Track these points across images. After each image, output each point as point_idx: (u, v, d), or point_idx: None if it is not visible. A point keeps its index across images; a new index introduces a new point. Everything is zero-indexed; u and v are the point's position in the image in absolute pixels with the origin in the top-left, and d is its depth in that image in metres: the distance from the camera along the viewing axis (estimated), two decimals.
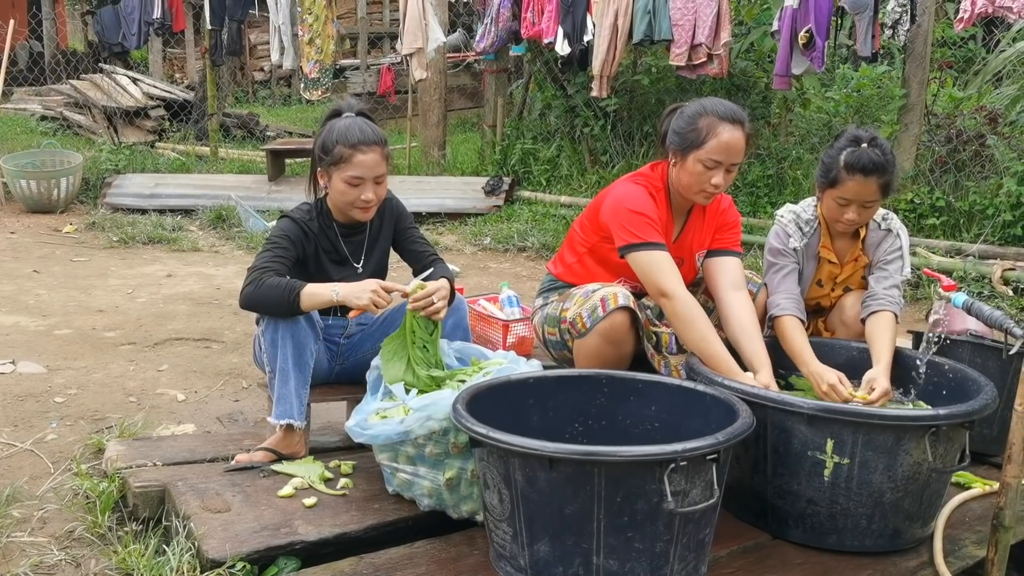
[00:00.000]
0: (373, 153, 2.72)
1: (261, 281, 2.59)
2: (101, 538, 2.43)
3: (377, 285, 2.61)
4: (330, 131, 2.76)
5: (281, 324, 2.62)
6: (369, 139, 2.72)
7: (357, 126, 2.74)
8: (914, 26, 5.93)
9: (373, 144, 2.72)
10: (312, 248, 2.82)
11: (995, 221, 5.78)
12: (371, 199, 2.75)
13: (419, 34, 7.53)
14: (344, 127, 2.74)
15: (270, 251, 2.71)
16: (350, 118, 2.78)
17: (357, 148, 2.70)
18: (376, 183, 2.75)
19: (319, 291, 2.60)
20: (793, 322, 2.82)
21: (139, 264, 5.85)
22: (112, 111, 9.57)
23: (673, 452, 1.90)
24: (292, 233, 2.77)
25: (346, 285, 2.62)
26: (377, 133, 2.77)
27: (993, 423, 2.83)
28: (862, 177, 2.77)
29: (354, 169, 2.71)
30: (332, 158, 2.72)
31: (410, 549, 2.28)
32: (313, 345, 2.69)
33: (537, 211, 7.15)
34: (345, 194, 2.74)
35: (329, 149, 2.73)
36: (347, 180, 2.72)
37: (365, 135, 2.72)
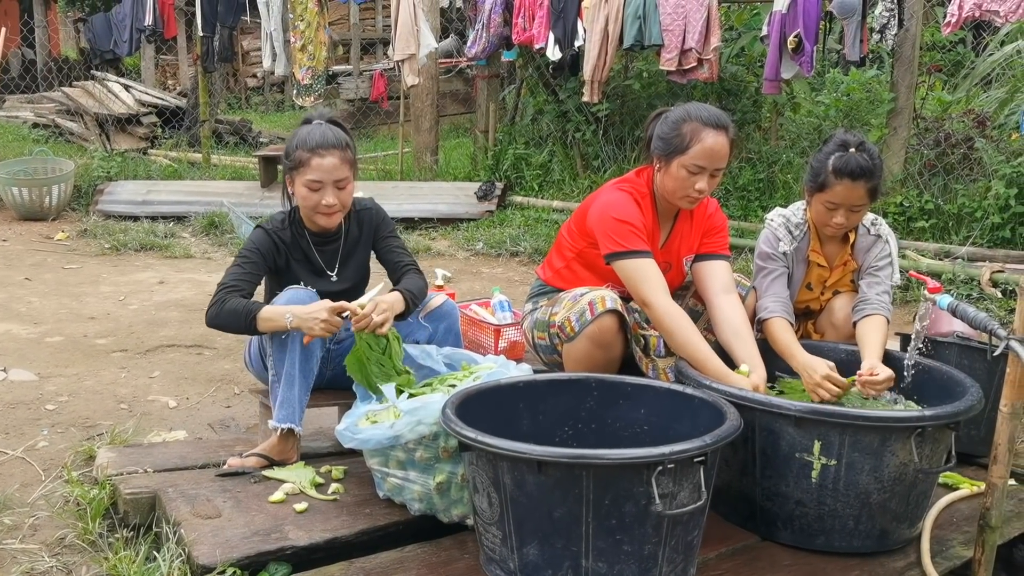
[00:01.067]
0: (332, 156, 2.71)
1: (223, 303, 2.65)
2: (92, 545, 2.43)
3: (326, 311, 2.56)
4: (293, 137, 2.78)
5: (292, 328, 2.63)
6: (328, 143, 2.72)
7: (319, 131, 2.75)
8: (902, 30, 5.97)
9: (332, 148, 2.72)
10: (283, 259, 2.82)
11: (983, 224, 5.81)
12: (332, 203, 2.74)
13: (411, 40, 7.55)
14: (306, 132, 2.76)
15: (238, 267, 2.74)
16: (316, 124, 2.80)
17: (315, 152, 2.71)
18: (338, 187, 2.74)
19: (274, 316, 2.60)
20: (781, 323, 2.84)
21: (131, 271, 5.85)
22: (104, 118, 9.56)
23: (660, 455, 1.92)
24: (262, 246, 2.78)
25: (300, 310, 2.59)
26: (339, 137, 2.76)
27: (979, 424, 2.85)
28: (850, 181, 2.79)
29: (312, 172, 2.71)
30: (292, 162, 2.74)
31: (401, 553, 2.28)
32: (319, 352, 2.71)
33: (529, 216, 7.17)
34: (307, 199, 2.75)
35: (290, 153, 2.75)
36: (307, 184, 2.72)
37: (325, 139, 2.73)
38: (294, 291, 2.71)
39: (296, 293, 2.70)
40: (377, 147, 10.92)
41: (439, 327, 2.92)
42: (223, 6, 8.29)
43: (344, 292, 2.91)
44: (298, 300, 2.67)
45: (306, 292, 2.72)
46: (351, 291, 2.96)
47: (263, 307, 2.63)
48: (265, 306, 2.64)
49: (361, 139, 11.72)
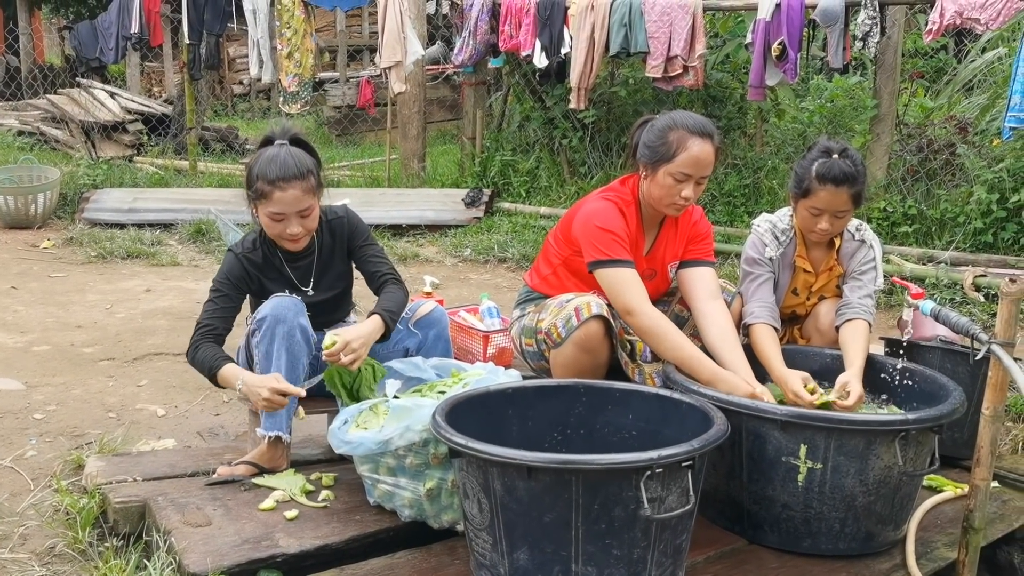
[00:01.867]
0: (293, 189, 2.65)
1: (196, 350, 2.70)
2: (82, 554, 2.43)
3: (268, 391, 2.54)
4: (255, 162, 2.71)
5: (278, 337, 2.64)
6: (289, 174, 2.64)
7: (280, 159, 2.66)
8: (884, 38, 6.03)
9: (293, 179, 2.64)
10: (256, 283, 2.82)
11: (966, 228, 5.87)
12: (297, 232, 2.72)
13: (398, 47, 7.57)
14: (267, 160, 2.68)
15: (212, 303, 2.77)
16: (278, 147, 2.73)
17: (276, 185, 2.64)
18: (301, 216, 2.70)
19: (229, 377, 2.63)
20: (765, 329, 2.87)
21: (118, 279, 5.83)
22: (90, 126, 9.52)
23: (649, 459, 1.94)
24: (233, 275, 2.79)
25: (250, 379, 2.59)
26: (300, 166, 2.67)
27: (963, 427, 2.89)
28: (833, 187, 2.82)
29: (274, 205, 2.67)
30: (254, 192, 2.69)
31: (391, 560, 2.30)
32: (305, 359, 2.72)
33: (517, 222, 7.19)
34: (271, 228, 2.73)
35: (252, 183, 2.70)
36: (270, 216, 2.70)
37: (286, 170, 2.64)
38: (279, 299, 2.71)
39: (281, 301, 2.70)
40: (364, 154, 10.92)
41: (429, 334, 2.93)
42: (210, 14, 8.28)
43: (324, 302, 2.94)
44: (283, 308, 2.67)
45: (291, 300, 2.72)
46: (332, 301, 2.98)
47: (224, 366, 2.64)
48: (226, 365, 2.64)
49: (348, 146, 11.71)
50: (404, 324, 2.94)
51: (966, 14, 5.55)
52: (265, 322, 2.66)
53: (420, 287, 4.21)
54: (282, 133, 2.79)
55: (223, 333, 2.76)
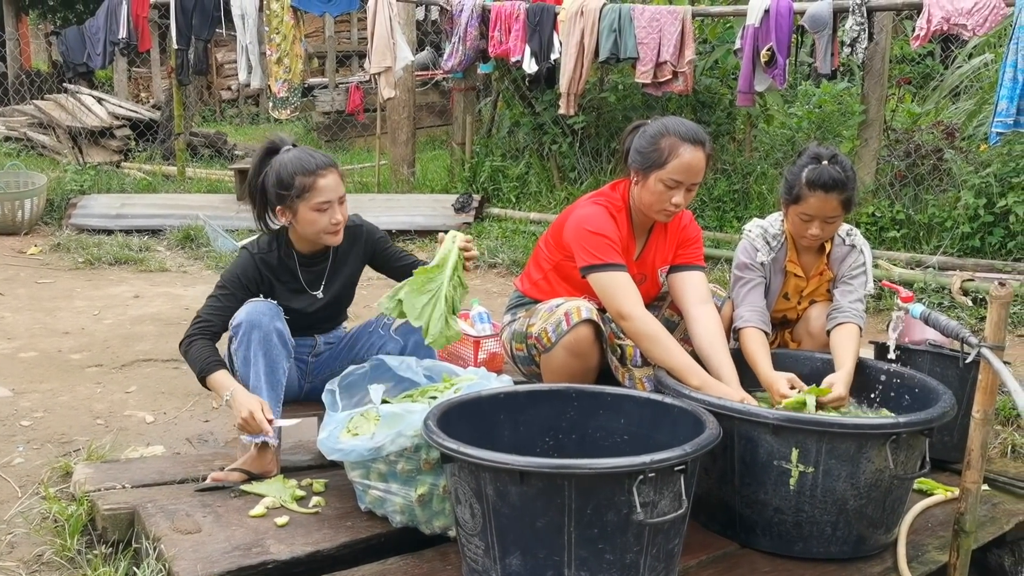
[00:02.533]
0: (332, 175, 2.72)
1: (191, 344, 2.67)
2: (70, 562, 2.41)
3: (250, 413, 2.52)
4: (281, 166, 2.72)
5: (254, 342, 2.63)
6: (324, 163, 2.73)
7: (306, 155, 2.73)
8: (872, 44, 6.06)
9: (329, 167, 2.73)
10: (267, 285, 2.81)
11: (953, 233, 5.91)
12: (339, 220, 2.76)
13: (387, 53, 7.56)
14: (295, 158, 2.72)
15: (216, 299, 2.75)
16: (293, 150, 2.76)
17: (317, 174, 2.69)
18: (340, 203, 2.76)
19: (219, 385, 2.61)
20: (755, 333, 2.88)
21: (105, 285, 5.79)
22: (77, 131, 9.48)
23: (642, 464, 1.94)
24: (245, 276, 2.77)
25: (240, 395, 2.57)
26: (328, 156, 2.78)
27: (953, 430, 2.90)
28: (823, 194, 2.83)
29: (320, 195, 2.69)
30: (296, 190, 2.69)
31: (383, 566, 2.28)
32: (285, 363, 2.71)
33: (507, 228, 7.19)
34: (315, 223, 2.73)
35: (288, 183, 2.69)
36: (316, 208, 2.70)
37: (319, 161, 2.72)
38: (253, 304, 2.70)
39: (255, 306, 2.69)
40: (353, 159, 10.90)
41: (409, 340, 2.94)
42: (198, 19, 8.26)
43: (327, 306, 2.93)
44: (257, 313, 2.66)
45: (266, 304, 2.71)
46: (337, 305, 2.99)
47: (217, 371, 2.62)
48: (219, 371, 2.63)
49: (337, 152, 11.68)
50: (386, 330, 2.94)
51: (953, 20, 5.59)
52: (241, 328, 2.65)
53: None
54: (283, 141, 2.81)
55: (220, 332, 2.74)
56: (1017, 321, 4.87)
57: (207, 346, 2.67)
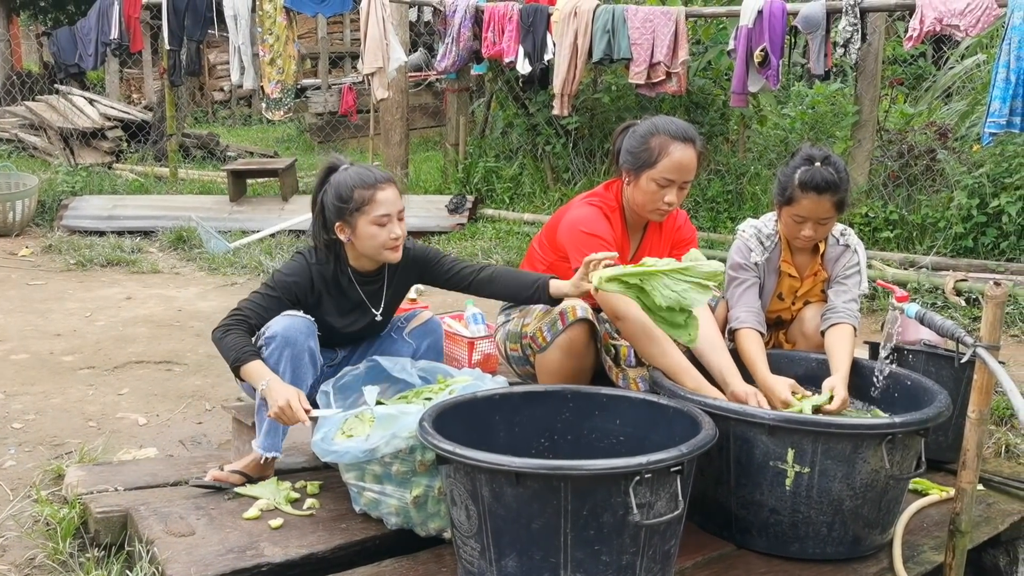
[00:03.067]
0: (391, 189, 2.71)
1: (228, 332, 2.62)
2: (63, 565, 2.39)
3: (287, 401, 2.46)
4: (340, 183, 2.70)
5: (285, 358, 2.59)
6: (383, 177, 2.72)
7: (365, 169, 2.73)
8: (865, 44, 6.08)
9: (388, 181, 2.72)
10: (315, 296, 2.76)
11: (947, 233, 5.92)
12: (399, 235, 2.71)
13: (380, 54, 7.55)
14: (355, 174, 2.71)
15: (261, 296, 2.70)
16: (352, 167, 2.75)
17: (376, 187, 2.67)
18: (399, 219, 2.72)
19: (255, 374, 2.56)
20: (750, 334, 2.87)
21: (97, 287, 5.77)
22: (68, 132, 9.44)
23: (638, 465, 1.93)
24: (298, 285, 2.72)
25: (275, 383, 2.52)
26: (386, 172, 2.77)
27: (948, 430, 2.90)
28: (816, 195, 2.83)
29: (379, 208, 2.66)
30: (354, 204, 2.66)
31: (378, 568, 2.27)
32: (310, 380, 2.67)
33: (500, 229, 7.18)
34: (375, 237, 2.68)
35: (347, 197, 2.67)
36: (375, 221, 2.66)
37: (377, 175, 2.71)
38: (291, 319, 2.65)
39: (292, 322, 2.64)
40: None
41: (423, 344, 2.93)
42: (190, 20, 8.23)
43: (378, 325, 2.91)
44: (294, 330, 2.62)
45: (303, 320, 2.67)
46: (382, 325, 2.94)
47: (254, 360, 2.57)
48: (256, 360, 2.58)
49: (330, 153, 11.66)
50: (399, 333, 2.94)
51: (945, 21, 5.60)
52: (275, 341, 2.61)
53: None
54: (340, 161, 2.79)
55: (256, 329, 2.69)
56: (1010, 321, 4.88)
57: (244, 336, 2.63)
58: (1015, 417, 3.43)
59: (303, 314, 2.70)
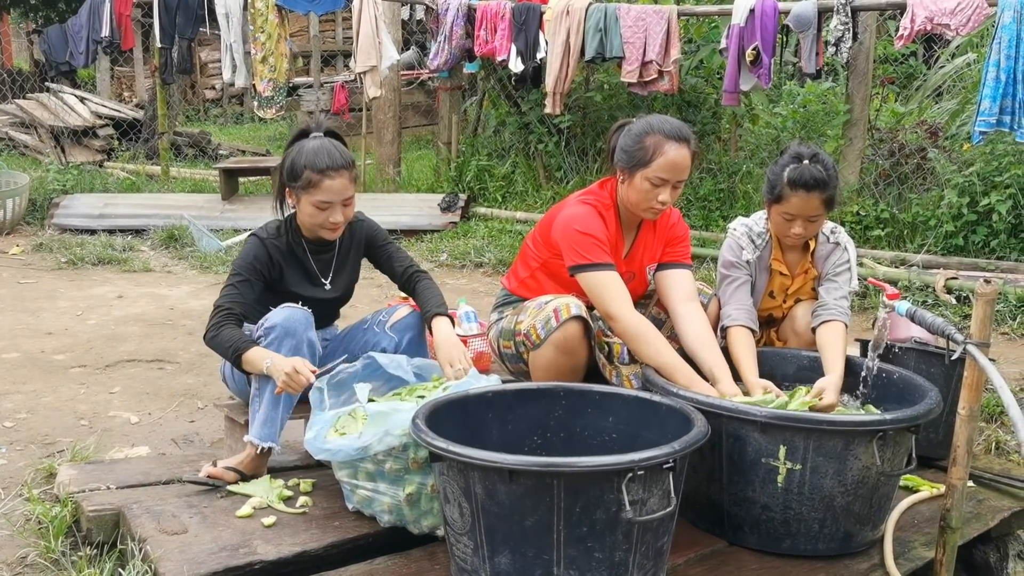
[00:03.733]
0: (341, 178, 2.73)
1: (220, 328, 2.67)
2: (55, 563, 2.38)
3: (292, 367, 2.55)
4: (299, 153, 2.76)
5: (284, 348, 2.63)
6: (337, 164, 2.73)
7: (326, 150, 2.74)
8: (856, 43, 6.09)
9: (341, 168, 2.74)
10: (277, 270, 2.83)
11: (937, 232, 5.94)
12: (339, 221, 2.78)
13: (372, 52, 7.54)
14: (313, 150, 2.74)
15: (232, 287, 2.75)
16: (318, 139, 2.79)
17: (326, 174, 2.71)
18: (344, 205, 2.77)
19: (255, 359, 2.61)
20: (741, 332, 2.88)
21: (89, 285, 5.75)
22: (59, 131, 9.40)
23: (630, 462, 1.93)
24: (259, 261, 2.78)
25: (277, 358, 2.58)
26: (346, 156, 2.78)
27: (938, 427, 2.92)
28: (804, 193, 2.84)
29: (323, 194, 2.72)
30: (301, 183, 2.73)
31: (371, 566, 2.28)
32: None
33: (493, 227, 7.18)
34: (314, 216, 2.76)
35: (298, 174, 2.74)
36: (317, 205, 2.74)
37: (334, 160, 2.73)
38: (291, 310, 2.70)
39: (292, 313, 2.69)
40: None
41: (404, 338, 2.93)
42: (181, 18, 8.21)
43: (335, 300, 2.97)
44: (294, 321, 2.66)
45: (302, 312, 2.71)
46: (341, 299, 3.01)
47: (251, 348, 2.62)
48: (253, 347, 2.63)
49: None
50: (381, 327, 2.94)
51: (936, 20, 5.62)
52: (275, 331, 2.65)
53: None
54: (317, 126, 2.85)
55: (242, 318, 2.74)
56: (1000, 319, 4.90)
57: (235, 328, 2.68)
58: (1005, 414, 3.45)
59: (301, 306, 2.74)
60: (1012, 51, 5.27)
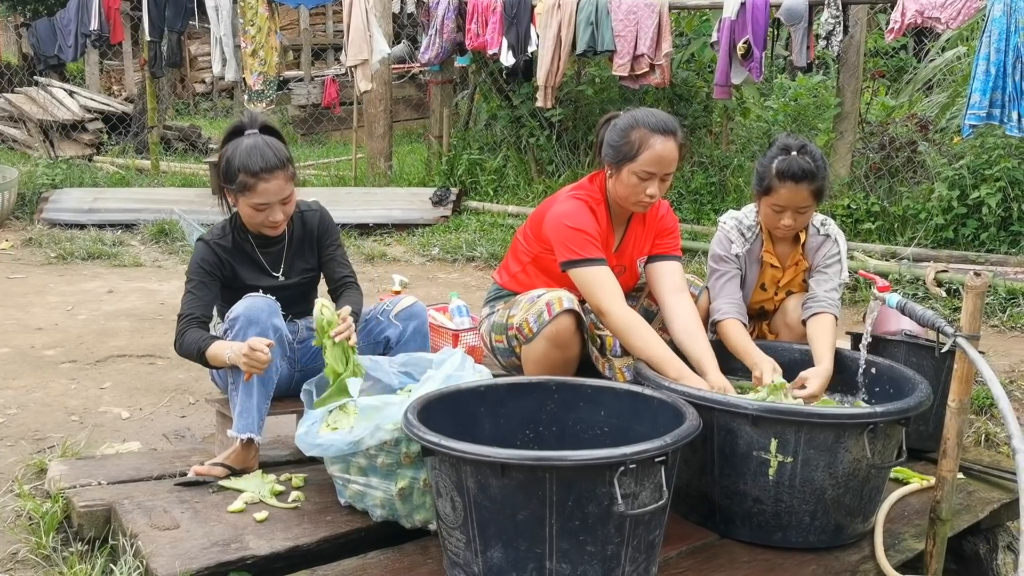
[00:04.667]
0: (276, 179, 2.69)
1: (184, 336, 2.70)
2: (46, 559, 2.38)
3: (247, 347, 2.53)
4: (233, 154, 2.71)
5: (250, 336, 2.61)
6: (271, 165, 2.67)
7: (259, 150, 2.68)
8: (847, 37, 6.11)
9: (275, 170, 2.68)
10: (229, 269, 2.82)
11: (927, 225, 5.96)
12: (279, 219, 2.76)
13: (364, 46, 7.52)
14: (246, 151, 2.69)
15: (190, 293, 2.77)
16: (252, 137, 2.74)
17: (260, 176, 2.67)
18: (283, 204, 2.74)
19: (218, 353, 2.62)
20: (735, 324, 2.89)
21: (79, 280, 5.72)
22: (48, 125, 9.35)
23: (622, 455, 1.94)
24: (207, 262, 2.79)
25: (234, 347, 2.57)
26: (279, 155, 2.71)
27: (928, 420, 2.93)
28: (793, 184, 2.85)
29: (258, 197, 2.69)
30: (237, 185, 2.71)
31: (363, 560, 2.27)
32: (278, 360, 2.68)
33: (485, 221, 7.18)
34: (253, 217, 2.76)
35: (233, 176, 2.71)
36: (253, 207, 2.72)
37: (267, 161, 2.67)
38: (252, 299, 2.70)
39: (254, 301, 2.69)
40: (330, 153, 10.84)
41: (408, 326, 2.93)
42: (171, 11, 8.17)
43: (291, 288, 2.93)
44: (256, 309, 2.65)
45: (264, 300, 2.70)
46: (301, 289, 2.98)
47: (212, 344, 2.64)
48: (214, 343, 2.64)
49: (313, 145, 11.62)
50: (385, 316, 2.94)
51: (927, 13, 5.64)
52: (238, 322, 2.64)
53: (389, 286, 4.19)
54: (251, 122, 2.80)
55: (206, 320, 2.75)
56: (990, 311, 4.93)
57: (197, 330, 2.69)
58: (995, 406, 3.46)
59: (263, 295, 2.74)
60: (1002, 44, 5.29)
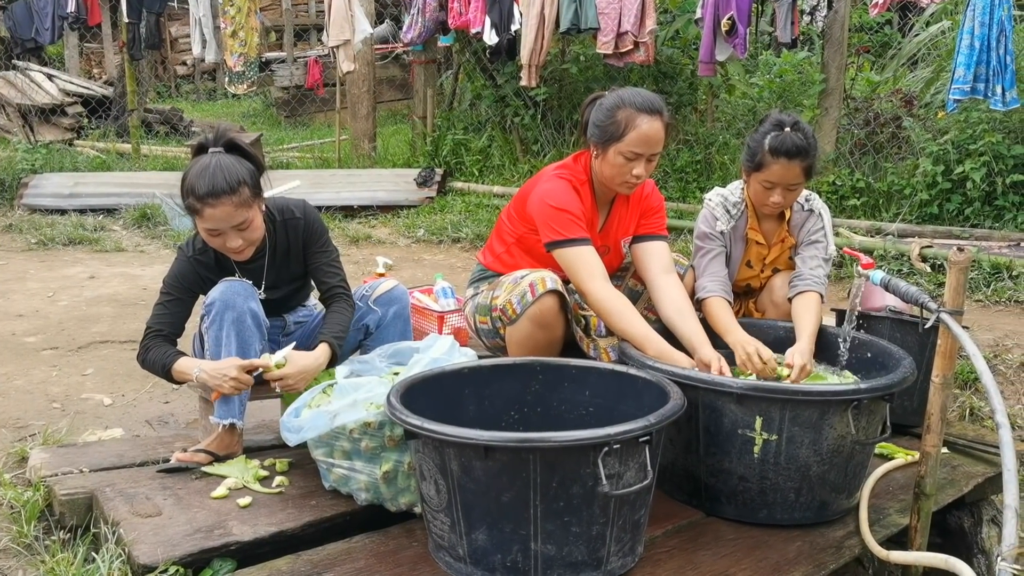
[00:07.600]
0: (224, 206, 2.48)
1: (148, 350, 2.64)
2: (28, 548, 2.35)
3: (236, 369, 2.50)
4: (187, 173, 2.55)
5: (227, 322, 2.58)
6: (218, 190, 2.47)
7: (209, 172, 2.49)
8: (831, 12, 6.08)
9: (222, 195, 2.47)
10: (209, 285, 2.70)
11: (912, 200, 5.97)
12: (237, 245, 2.58)
13: (346, 26, 7.44)
14: (197, 173, 2.50)
15: (163, 307, 2.70)
16: (212, 156, 2.55)
17: (205, 201, 2.48)
18: (239, 230, 2.55)
19: (184, 370, 2.57)
20: (719, 302, 2.88)
21: (60, 266, 5.67)
22: (27, 109, 9.24)
23: (606, 436, 1.93)
24: (185, 279, 2.71)
25: (209, 366, 2.53)
26: (230, 179, 2.49)
27: (913, 395, 2.94)
28: (786, 160, 2.83)
29: (207, 222, 2.53)
30: (189, 207, 2.55)
31: (348, 544, 2.26)
32: (258, 344, 2.64)
33: (470, 202, 7.14)
34: (210, 241, 2.62)
35: (184, 197, 2.56)
36: (207, 232, 2.57)
37: (215, 186, 2.47)
38: (228, 283, 2.63)
39: (230, 285, 2.62)
40: (313, 135, 10.76)
41: (388, 311, 2.89)
42: None
43: (279, 301, 2.87)
44: (232, 292, 2.60)
45: (241, 284, 2.64)
46: (288, 298, 2.91)
47: (177, 360, 2.59)
48: (179, 359, 2.59)
49: (297, 127, 11.53)
50: (364, 302, 2.90)
51: None
52: (214, 307, 2.60)
53: (373, 268, 4.16)
54: (216, 139, 2.61)
55: (173, 336, 2.69)
56: (974, 286, 4.94)
57: (162, 345, 2.64)
58: (979, 381, 3.48)
59: (240, 278, 2.67)
60: (986, 18, 5.28)
